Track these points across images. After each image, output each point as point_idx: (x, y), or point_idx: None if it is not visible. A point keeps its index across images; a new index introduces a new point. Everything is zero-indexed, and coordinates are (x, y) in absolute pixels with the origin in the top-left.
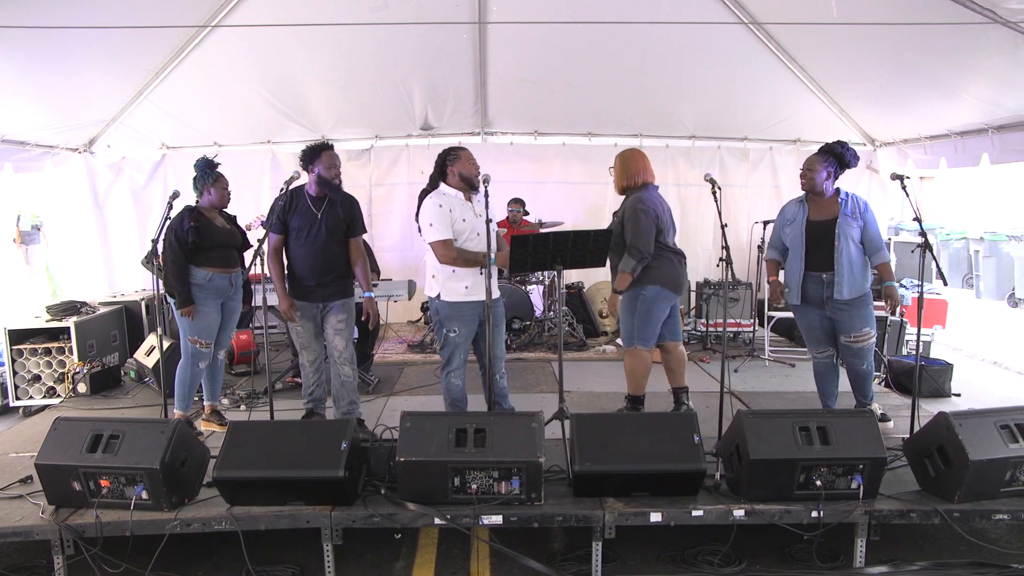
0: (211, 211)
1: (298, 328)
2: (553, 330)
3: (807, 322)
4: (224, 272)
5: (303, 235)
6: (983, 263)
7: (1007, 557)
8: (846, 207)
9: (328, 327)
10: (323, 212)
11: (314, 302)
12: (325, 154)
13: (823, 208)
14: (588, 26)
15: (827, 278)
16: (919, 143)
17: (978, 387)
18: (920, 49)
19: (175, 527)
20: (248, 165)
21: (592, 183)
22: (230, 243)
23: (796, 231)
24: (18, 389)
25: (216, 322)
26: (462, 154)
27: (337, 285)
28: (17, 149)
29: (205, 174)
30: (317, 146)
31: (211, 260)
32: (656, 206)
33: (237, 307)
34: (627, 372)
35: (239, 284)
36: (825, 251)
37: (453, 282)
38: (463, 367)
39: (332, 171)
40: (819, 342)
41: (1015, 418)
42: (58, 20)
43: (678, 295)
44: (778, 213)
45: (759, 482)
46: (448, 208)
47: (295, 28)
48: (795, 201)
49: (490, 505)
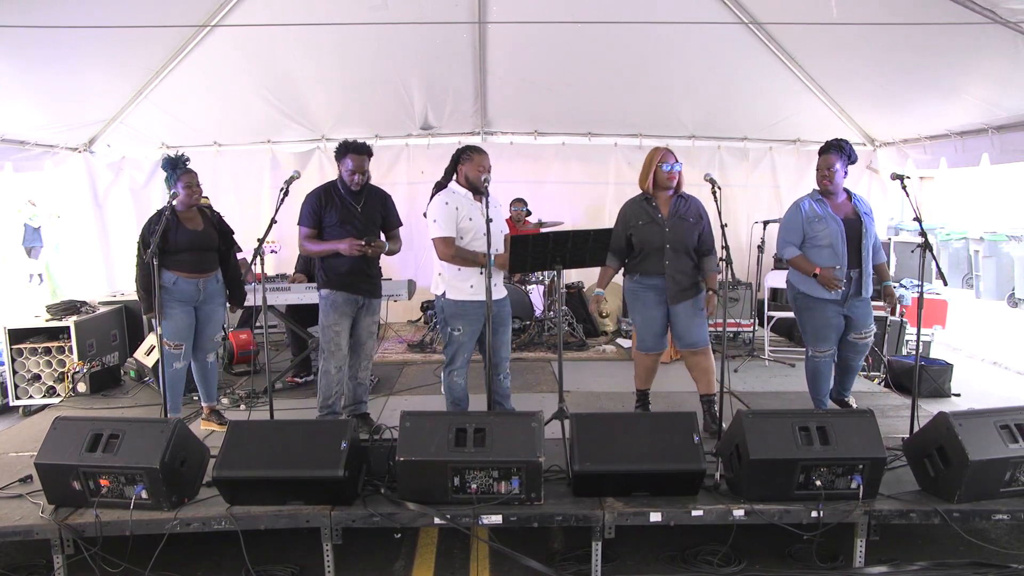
0: (187, 212)
1: (336, 328)
2: (553, 330)
3: (825, 318)
4: (191, 277)
5: (344, 230)
6: (983, 263)
7: (1007, 557)
8: (861, 206)
9: (362, 328)
10: (362, 207)
11: (355, 294)
12: (350, 155)
13: (839, 206)
14: (588, 26)
15: (854, 274)
16: (919, 143)
17: (978, 387)
18: (920, 49)
19: (175, 527)
20: (248, 165)
21: (592, 183)
22: (203, 246)
23: (834, 228)
24: (18, 388)
25: (185, 324)
26: (474, 156)
27: (375, 282)
28: (17, 149)
29: (169, 174)
30: (344, 145)
31: (178, 264)
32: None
33: (214, 311)
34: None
35: (213, 291)
36: (853, 249)
37: (458, 280)
38: (466, 367)
39: (353, 176)
40: (827, 340)
41: (1015, 418)
42: (58, 20)
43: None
44: (792, 209)
45: (759, 482)
46: (455, 206)
47: (295, 28)
48: (809, 199)
49: (490, 505)
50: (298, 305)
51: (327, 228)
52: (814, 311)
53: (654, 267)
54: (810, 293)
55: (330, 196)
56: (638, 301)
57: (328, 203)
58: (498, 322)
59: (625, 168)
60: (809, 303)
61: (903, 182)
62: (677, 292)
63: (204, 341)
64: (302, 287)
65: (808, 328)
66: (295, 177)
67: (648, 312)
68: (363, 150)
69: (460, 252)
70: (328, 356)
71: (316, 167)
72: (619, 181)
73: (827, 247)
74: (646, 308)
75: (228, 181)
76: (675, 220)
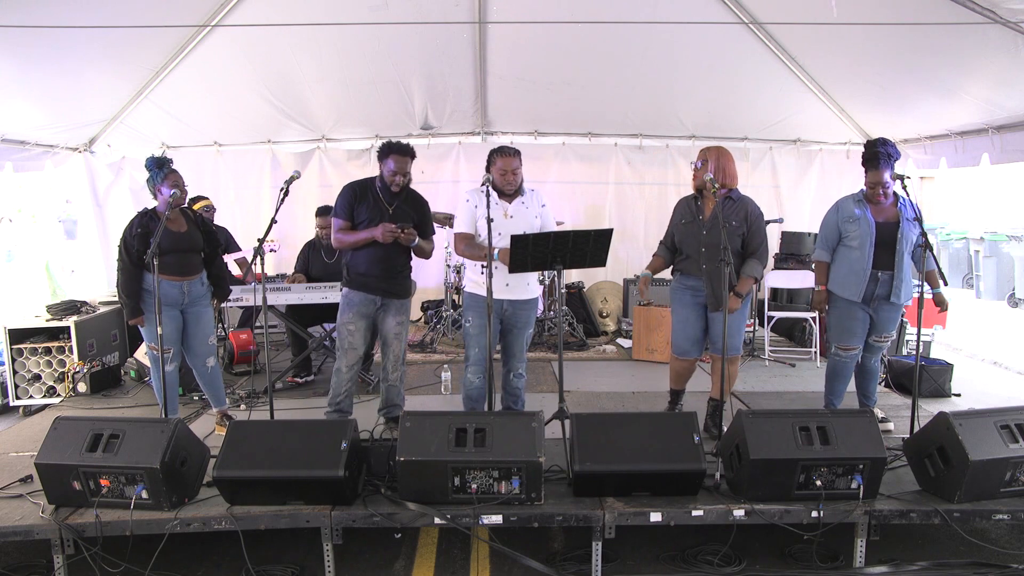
0: (171, 213)
1: (350, 326)
2: (553, 330)
3: (851, 316)
4: (175, 280)
5: (369, 227)
6: (983, 263)
7: (1007, 557)
8: (906, 211)
9: (388, 331)
10: (394, 208)
11: (372, 294)
12: (392, 156)
13: (881, 210)
14: (588, 26)
15: (883, 276)
16: (919, 143)
17: (978, 387)
18: (920, 49)
19: (175, 527)
20: (248, 164)
21: (592, 183)
22: (187, 248)
23: (865, 230)
24: (18, 388)
25: (171, 327)
26: (497, 160)
27: (397, 282)
28: (17, 148)
29: (154, 174)
30: (387, 145)
31: (161, 266)
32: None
33: (201, 313)
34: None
35: (198, 293)
36: (886, 252)
37: (475, 275)
38: (480, 364)
39: (395, 177)
40: (854, 337)
41: (1015, 418)
42: (57, 20)
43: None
44: (831, 210)
45: (759, 482)
46: (474, 204)
47: (295, 28)
48: (851, 199)
49: (490, 505)
50: (298, 305)
51: (356, 224)
52: (843, 308)
53: (692, 268)
54: (833, 291)
55: (365, 192)
56: (675, 301)
57: (362, 199)
58: (515, 322)
59: (625, 168)
60: (833, 299)
61: (903, 182)
62: (716, 300)
63: (197, 345)
64: (302, 287)
65: (832, 323)
66: (295, 177)
67: (683, 312)
68: (406, 151)
69: (470, 248)
70: (340, 354)
71: (316, 167)
72: (619, 181)
73: (857, 249)
74: (682, 307)
75: (228, 181)
76: (715, 222)
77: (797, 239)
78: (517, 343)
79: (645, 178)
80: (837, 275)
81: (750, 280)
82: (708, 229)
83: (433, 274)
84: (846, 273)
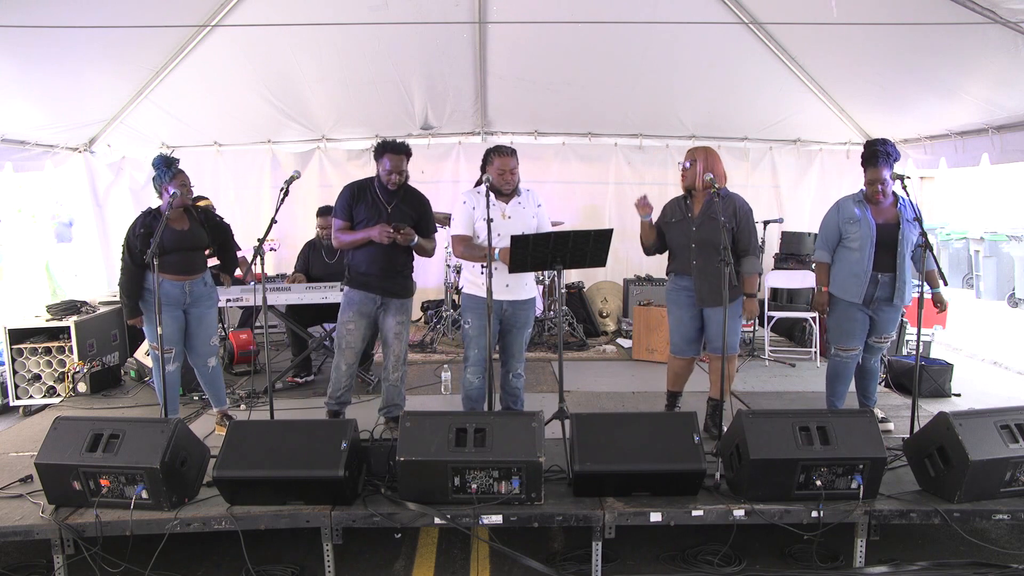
0: (175, 212)
1: (349, 326)
2: (553, 330)
3: (850, 317)
4: (177, 279)
5: (367, 227)
6: (983, 263)
7: (1007, 557)
8: (906, 212)
9: (388, 330)
10: (393, 207)
11: (372, 293)
12: (387, 155)
13: (881, 211)
14: (588, 26)
15: (883, 278)
16: (919, 143)
17: (978, 387)
18: (920, 49)
19: (175, 527)
20: (248, 164)
21: (592, 183)
22: (190, 246)
23: (865, 231)
24: (18, 388)
25: (173, 327)
26: (495, 159)
27: (397, 282)
28: (17, 148)
29: (162, 173)
30: (382, 144)
31: (163, 266)
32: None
33: (204, 314)
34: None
35: (200, 293)
36: (887, 253)
37: (473, 276)
38: (480, 365)
39: (390, 176)
40: (854, 339)
41: (1015, 418)
42: (57, 20)
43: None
44: (831, 210)
45: (759, 482)
46: (472, 206)
47: (295, 28)
48: (851, 199)
49: (490, 505)
50: (298, 305)
51: (355, 224)
52: (843, 310)
53: (683, 266)
54: (833, 293)
55: (363, 192)
56: (671, 302)
57: (360, 198)
58: (515, 323)
59: (625, 168)
60: (832, 301)
61: (903, 182)
62: (708, 294)
63: (199, 345)
64: (302, 287)
65: (832, 324)
66: (295, 177)
67: (678, 313)
68: (401, 150)
69: (468, 249)
70: (338, 352)
71: (316, 167)
72: (619, 181)
73: (857, 250)
74: (677, 309)
75: (228, 181)
76: (704, 219)
77: (797, 239)
78: (516, 343)
79: (645, 178)
80: (837, 277)
81: (755, 277)
82: (698, 226)
83: (433, 274)
84: (846, 275)
